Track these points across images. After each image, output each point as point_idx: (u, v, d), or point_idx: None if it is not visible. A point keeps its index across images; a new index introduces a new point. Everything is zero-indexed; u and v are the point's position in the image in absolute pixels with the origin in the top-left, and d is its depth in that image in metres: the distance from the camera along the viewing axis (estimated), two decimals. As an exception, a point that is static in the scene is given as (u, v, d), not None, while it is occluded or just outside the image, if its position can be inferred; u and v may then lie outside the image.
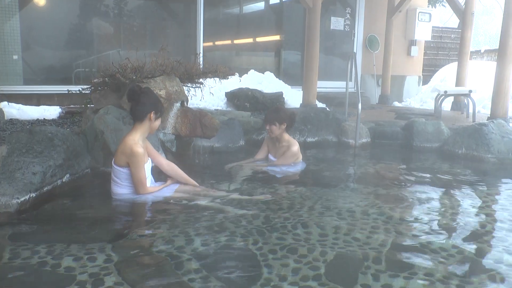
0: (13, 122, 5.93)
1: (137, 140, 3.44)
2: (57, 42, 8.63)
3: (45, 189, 3.42)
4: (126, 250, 2.68)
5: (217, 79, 5.67)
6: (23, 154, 3.42)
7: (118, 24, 9.23)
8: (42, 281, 2.26)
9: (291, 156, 4.68)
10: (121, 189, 3.52)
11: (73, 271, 2.32)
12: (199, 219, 3.17)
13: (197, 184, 3.82)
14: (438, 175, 4.70)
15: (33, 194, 3.27)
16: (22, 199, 3.15)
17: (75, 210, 3.40)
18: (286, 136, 4.75)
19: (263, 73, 9.56)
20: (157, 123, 3.61)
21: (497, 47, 7.24)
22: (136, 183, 3.46)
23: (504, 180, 4.72)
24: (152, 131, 3.62)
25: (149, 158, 3.66)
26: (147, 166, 3.55)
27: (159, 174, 3.91)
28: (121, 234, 2.97)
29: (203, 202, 3.53)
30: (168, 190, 3.66)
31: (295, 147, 4.71)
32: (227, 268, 2.42)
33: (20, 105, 6.70)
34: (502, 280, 2.35)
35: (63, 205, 3.45)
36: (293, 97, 8.77)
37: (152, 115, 3.50)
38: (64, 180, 3.67)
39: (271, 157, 4.81)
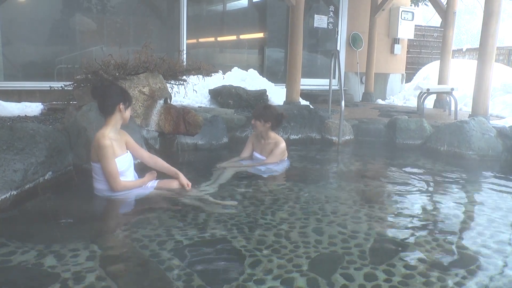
0: (-7, 118, 5.84)
1: (106, 134, 3.37)
2: (39, 37, 8.50)
3: (26, 186, 3.37)
4: (109, 247, 2.67)
5: (200, 76, 5.68)
6: (3, 151, 3.37)
7: (101, 20, 9.13)
8: (25, 280, 2.24)
9: (279, 153, 4.68)
10: (101, 184, 3.47)
11: (56, 268, 2.30)
12: (181, 216, 3.17)
13: (181, 174, 3.75)
14: (421, 172, 4.76)
15: (14, 192, 3.22)
16: (3, 197, 3.11)
17: (57, 208, 3.38)
18: (272, 134, 4.75)
19: (247, 71, 9.56)
20: (128, 113, 3.53)
21: (478, 46, 7.33)
22: (107, 177, 3.38)
23: (483, 177, 4.80)
24: (125, 121, 3.56)
25: (128, 151, 3.61)
26: (122, 159, 3.48)
27: (142, 171, 3.89)
28: (104, 231, 2.96)
29: (184, 199, 3.52)
30: (149, 187, 3.63)
31: (283, 144, 4.72)
32: (210, 265, 2.42)
33: (0, 101, 6.59)
34: (480, 272, 2.39)
35: (45, 203, 3.43)
36: (277, 95, 8.78)
37: (121, 106, 3.44)
38: (46, 178, 3.63)
39: (256, 154, 4.80)
